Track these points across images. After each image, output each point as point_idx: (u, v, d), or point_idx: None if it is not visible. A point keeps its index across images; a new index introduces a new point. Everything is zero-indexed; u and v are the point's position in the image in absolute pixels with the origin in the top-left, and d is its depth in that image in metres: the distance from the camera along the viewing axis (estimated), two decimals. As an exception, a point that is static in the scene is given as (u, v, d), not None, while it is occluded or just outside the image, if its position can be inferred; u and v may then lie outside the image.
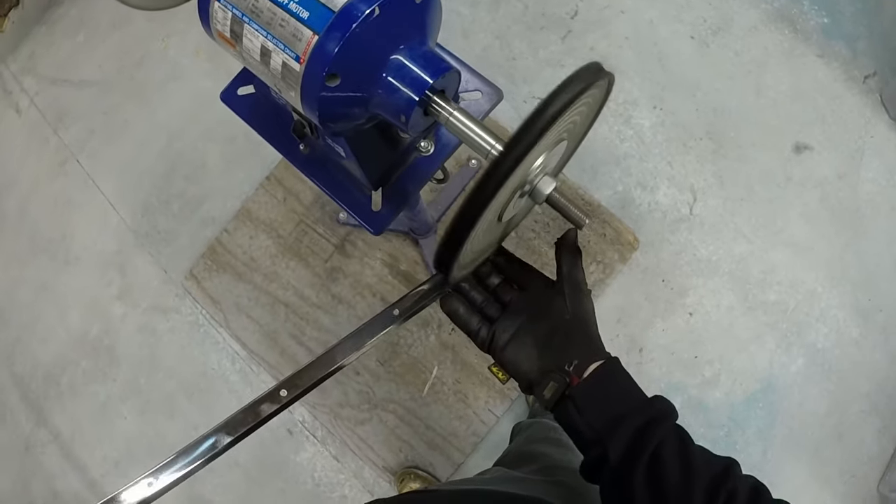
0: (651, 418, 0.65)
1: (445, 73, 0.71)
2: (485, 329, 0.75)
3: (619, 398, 0.68)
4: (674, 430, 0.65)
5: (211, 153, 2.52)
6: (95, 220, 2.55)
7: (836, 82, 2.33)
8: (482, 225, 0.61)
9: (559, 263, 0.75)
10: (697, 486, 0.60)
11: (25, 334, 2.53)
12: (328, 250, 2.31)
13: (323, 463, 2.24)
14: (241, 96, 1.08)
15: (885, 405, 2.13)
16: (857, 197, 2.24)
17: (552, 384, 0.68)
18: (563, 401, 0.68)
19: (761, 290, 2.20)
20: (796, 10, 2.39)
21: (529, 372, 0.71)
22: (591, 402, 0.67)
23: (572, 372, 0.69)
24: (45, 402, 2.46)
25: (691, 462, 0.62)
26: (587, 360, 0.69)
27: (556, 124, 0.56)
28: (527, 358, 0.72)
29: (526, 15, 2.45)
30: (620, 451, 0.64)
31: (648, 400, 0.68)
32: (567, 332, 0.72)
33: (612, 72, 0.63)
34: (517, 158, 0.55)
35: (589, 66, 0.59)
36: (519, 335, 0.73)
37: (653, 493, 0.62)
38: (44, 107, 2.71)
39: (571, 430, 0.69)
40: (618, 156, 2.30)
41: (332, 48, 0.64)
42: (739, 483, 0.61)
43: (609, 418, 0.66)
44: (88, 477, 2.37)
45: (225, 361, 2.35)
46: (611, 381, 0.69)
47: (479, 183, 0.56)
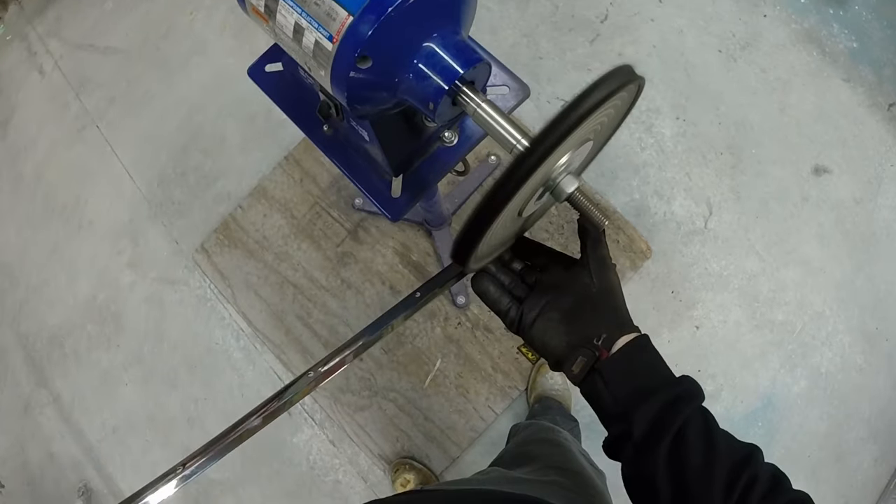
0: (678, 396, 0.65)
1: (477, 64, 0.71)
2: (514, 309, 0.74)
3: (647, 374, 0.68)
4: (700, 411, 0.65)
5: (230, 129, 2.52)
6: (111, 188, 2.57)
7: (860, 107, 2.32)
8: (503, 218, 0.61)
9: (583, 239, 0.75)
10: (719, 469, 0.60)
11: (33, 296, 2.55)
12: (341, 235, 2.31)
13: (319, 446, 2.25)
14: (268, 73, 1.08)
15: (885, 433, 2.12)
16: (872, 223, 2.23)
17: (581, 359, 0.68)
18: (591, 375, 0.68)
19: (769, 308, 2.19)
20: (825, 31, 2.38)
21: (557, 347, 0.71)
22: (618, 377, 0.67)
23: (601, 346, 0.68)
24: (48, 365, 2.48)
25: (715, 444, 0.62)
26: (616, 334, 0.69)
27: (586, 123, 0.56)
28: (555, 334, 0.71)
29: (555, 15, 2.44)
30: (645, 426, 0.64)
31: (676, 378, 0.68)
32: (594, 306, 0.71)
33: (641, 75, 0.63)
34: (545, 153, 0.54)
35: (622, 67, 0.59)
36: (546, 312, 0.72)
37: (674, 471, 0.62)
38: (67, 71, 2.72)
39: (597, 405, 0.69)
40: (637, 163, 2.30)
41: (366, 30, 0.64)
42: (760, 469, 0.61)
43: (635, 393, 0.65)
44: (85, 442, 2.39)
45: (229, 337, 2.36)
46: (640, 357, 0.69)
47: (505, 176, 0.55)
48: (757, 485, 0.59)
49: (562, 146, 0.55)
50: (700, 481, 0.60)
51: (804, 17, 2.38)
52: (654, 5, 2.43)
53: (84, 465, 2.38)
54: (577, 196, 0.68)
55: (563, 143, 0.54)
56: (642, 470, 0.64)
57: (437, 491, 0.92)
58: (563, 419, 1.95)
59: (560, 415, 1.98)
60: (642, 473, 0.65)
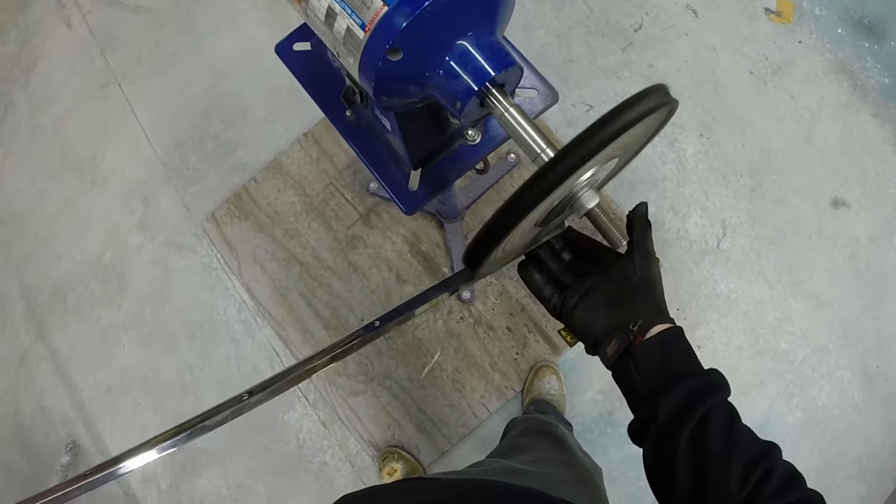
0: (705, 385, 0.66)
1: (509, 67, 0.70)
2: (557, 296, 0.77)
3: (678, 362, 0.69)
4: (725, 403, 0.67)
5: (253, 101, 2.52)
6: (127, 147, 2.56)
7: (886, 145, 2.30)
8: (520, 229, 0.60)
9: (631, 232, 0.76)
10: (737, 459, 0.61)
11: (41, 247, 2.55)
12: (353, 217, 2.31)
13: (310, 426, 2.25)
14: (296, 52, 1.07)
15: (874, 474, 2.11)
16: (885, 262, 2.21)
17: (616, 341, 0.70)
18: (624, 358, 0.70)
19: (773, 336, 2.18)
20: (859, 65, 2.36)
21: (597, 330, 0.72)
22: (650, 362, 0.68)
23: (636, 331, 0.70)
24: (48, 318, 2.48)
25: (736, 435, 0.63)
26: (651, 321, 0.70)
27: (616, 141, 0.55)
28: (595, 317, 0.73)
29: (590, 19, 2.42)
30: (670, 410, 0.65)
31: (705, 370, 0.69)
32: (634, 293, 0.73)
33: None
34: (573, 167, 0.54)
35: (658, 87, 0.58)
36: (588, 296, 0.74)
37: (694, 456, 0.63)
38: (95, 26, 2.72)
39: (627, 387, 0.71)
40: (656, 177, 2.29)
41: (401, 22, 0.63)
42: (778, 465, 0.62)
43: (665, 379, 0.67)
44: (77, 398, 2.40)
45: (231, 309, 2.36)
46: (672, 345, 0.70)
47: (527, 185, 0.54)
48: (772, 478, 0.60)
49: (590, 161, 0.54)
50: (718, 468, 0.61)
51: (839, 48, 2.36)
52: (690, 20, 2.41)
53: (74, 422, 2.38)
54: (597, 213, 0.67)
55: (592, 158, 0.54)
56: (664, 453, 0.66)
57: (438, 479, 0.92)
58: (558, 421, 1.95)
59: (555, 417, 1.98)
60: (664, 456, 0.66)
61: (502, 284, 2.21)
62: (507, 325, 2.18)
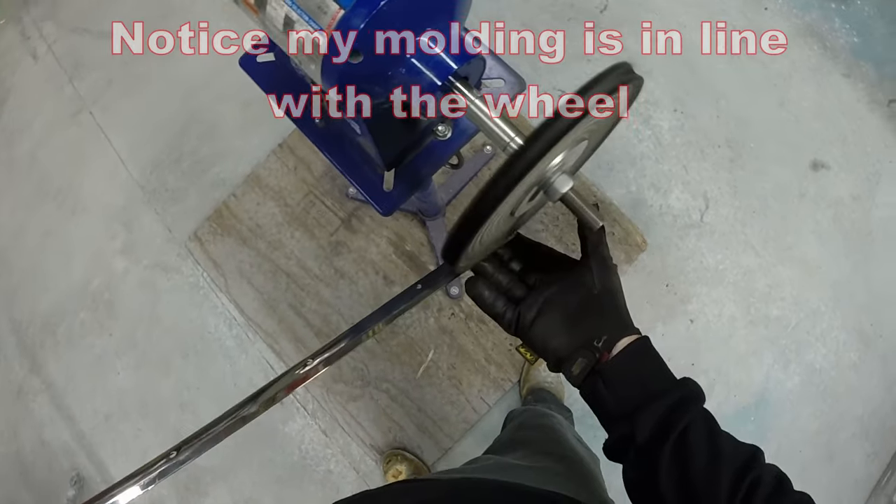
0: (681, 399, 0.64)
1: (471, 59, 0.69)
2: (511, 311, 0.73)
3: (649, 377, 0.67)
4: (702, 413, 0.65)
5: (226, 115, 2.50)
6: (104, 173, 2.55)
7: (860, 103, 2.31)
8: (495, 218, 0.59)
9: (583, 239, 0.74)
10: (724, 471, 0.60)
11: (27, 280, 2.54)
12: (335, 223, 2.30)
13: (311, 436, 2.24)
14: (261, 63, 1.06)
15: (877, 431, 2.12)
16: (869, 220, 2.22)
17: (581, 360, 0.67)
18: (592, 377, 0.67)
19: (765, 304, 2.19)
20: (827, 26, 2.36)
21: (558, 348, 0.70)
22: (620, 379, 0.66)
23: (602, 347, 0.67)
24: (41, 350, 2.46)
25: (719, 446, 0.62)
26: (617, 336, 0.68)
27: (581, 123, 0.54)
28: (555, 334, 0.70)
29: (555, 5, 2.42)
30: (648, 429, 0.63)
31: (678, 381, 0.67)
32: (595, 307, 0.70)
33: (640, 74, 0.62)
34: (540, 153, 0.53)
35: (620, 65, 0.58)
36: (546, 311, 0.71)
37: (679, 474, 0.61)
38: (61, 55, 2.70)
39: (598, 407, 0.69)
40: (634, 155, 2.29)
41: (358, 24, 0.62)
42: (764, 472, 0.61)
43: (638, 396, 0.65)
44: (77, 428, 2.38)
45: (222, 326, 2.35)
46: (641, 359, 0.68)
47: (496, 177, 0.54)
48: (761, 487, 0.59)
49: (557, 146, 0.54)
50: (704, 483, 0.60)
51: (806, 12, 2.37)
52: (655, -4, 2.42)
53: (76, 452, 2.37)
54: (571, 196, 0.66)
55: (558, 143, 0.53)
56: (646, 473, 0.64)
57: (430, 480, 0.91)
58: (557, 409, 1.95)
59: (554, 405, 1.98)
60: (646, 476, 0.64)
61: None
62: (499, 318, 2.17)
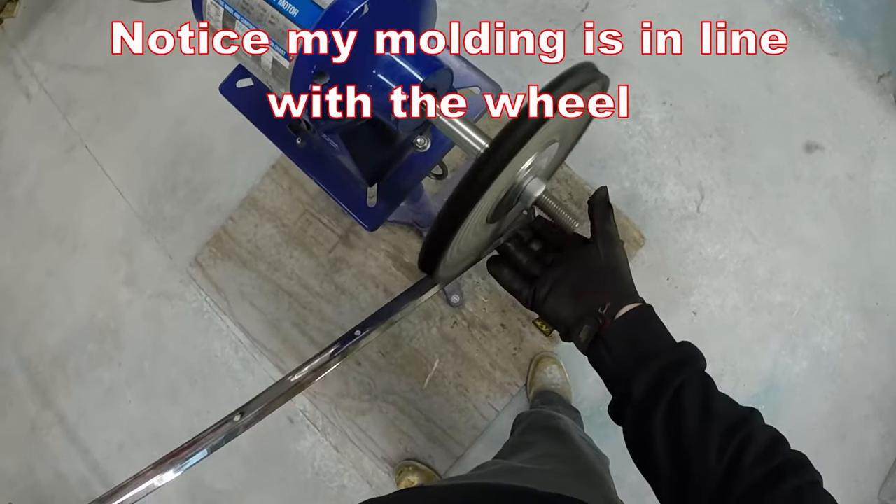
0: (677, 360, 0.67)
1: (437, 71, 0.70)
2: (527, 288, 0.77)
3: (648, 340, 0.70)
4: (698, 374, 0.67)
5: (217, 141, 2.52)
6: (102, 207, 2.56)
7: (850, 81, 2.30)
8: (468, 227, 0.60)
9: (592, 219, 0.77)
10: (714, 430, 0.61)
11: (33, 318, 2.55)
12: (332, 240, 2.31)
13: (323, 452, 2.25)
14: (240, 89, 1.07)
15: (889, 410, 2.12)
16: (867, 198, 2.22)
17: (586, 327, 0.71)
18: (596, 342, 0.71)
19: (767, 290, 2.18)
20: (810, 6, 2.36)
21: (568, 318, 0.73)
22: (620, 342, 0.70)
23: (605, 315, 0.71)
24: (51, 386, 2.48)
25: (711, 406, 0.64)
26: (619, 303, 0.72)
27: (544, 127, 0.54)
28: (564, 306, 0.74)
29: (536, 7, 2.42)
30: (643, 388, 0.66)
31: (676, 344, 0.70)
32: (600, 278, 0.74)
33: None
34: (505, 158, 0.53)
35: (583, 65, 0.58)
36: (557, 286, 0.74)
37: (671, 433, 0.63)
38: (53, 92, 2.71)
39: (602, 371, 0.72)
40: (625, 151, 2.29)
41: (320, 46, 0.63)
42: (757, 431, 0.62)
43: (636, 357, 0.68)
44: (92, 459, 2.39)
45: (228, 349, 2.36)
46: (641, 324, 0.71)
47: (461, 186, 0.54)
48: (751, 445, 0.60)
49: (523, 150, 0.54)
50: (696, 441, 0.62)
51: (788, -7, 2.37)
52: (635, -10, 2.42)
53: (92, 483, 2.38)
54: (546, 199, 0.67)
55: (523, 147, 0.53)
56: (642, 431, 0.67)
57: (433, 487, 0.92)
58: (565, 410, 1.95)
59: (562, 406, 1.98)
60: (642, 435, 0.67)
61: (490, 283, 2.20)
62: (501, 323, 2.18)
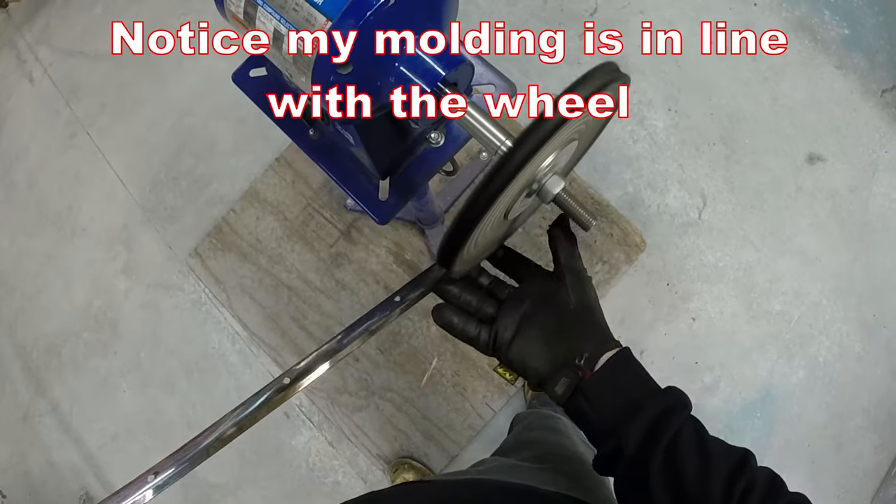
0: (667, 407, 0.64)
1: (459, 65, 0.70)
2: (485, 331, 0.71)
3: (633, 389, 0.66)
4: (690, 421, 0.64)
5: (221, 132, 2.51)
6: (103, 194, 2.56)
7: (853, 94, 2.31)
8: (488, 221, 0.60)
9: (555, 252, 0.73)
10: (716, 477, 0.59)
11: (29, 304, 2.54)
12: (334, 235, 2.30)
13: (318, 448, 2.25)
14: (253, 78, 1.07)
15: (884, 422, 2.12)
16: (867, 211, 2.22)
17: (564, 380, 0.66)
18: (576, 395, 0.66)
19: (766, 299, 2.19)
20: (817, 19, 2.37)
21: (539, 368, 0.68)
22: (604, 395, 0.65)
23: (583, 365, 0.66)
24: (46, 373, 2.47)
25: (709, 452, 0.61)
26: (598, 352, 0.67)
27: (568, 125, 0.55)
28: (534, 354, 0.69)
29: (545, 10, 2.43)
30: (636, 441, 0.62)
31: (663, 390, 0.66)
32: (573, 323, 0.69)
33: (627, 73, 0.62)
34: (526, 157, 0.53)
35: (605, 65, 0.58)
36: (523, 330, 0.69)
37: (670, 483, 0.60)
38: (57, 78, 2.71)
39: (584, 424, 0.68)
40: (630, 156, 2.29)
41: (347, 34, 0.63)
42: (757, 474, 0.60)
43: (623, 410, 0.64)
44: (85, 449, 2.39)
45: (225, 341, 2.35)
46: (623, 372, 0.67)
47: (486, 180, 0.54)
48: (755, 489, 0.58)
49: (545, 147, 0.54)
50: (698, 491, 0.59)
51: (795, 6, 2.37)
52: (644, -4, 2.42)
53: (84, 473, 2.38)
54: (564, 196, 0.67)
55: (546, 144, 0.53)
56: (637, 485, 0.63)
57: (433, 482, 0.91)
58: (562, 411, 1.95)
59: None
60: (638, 488, 0.63)
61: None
62: (502, 322, 2.17)
